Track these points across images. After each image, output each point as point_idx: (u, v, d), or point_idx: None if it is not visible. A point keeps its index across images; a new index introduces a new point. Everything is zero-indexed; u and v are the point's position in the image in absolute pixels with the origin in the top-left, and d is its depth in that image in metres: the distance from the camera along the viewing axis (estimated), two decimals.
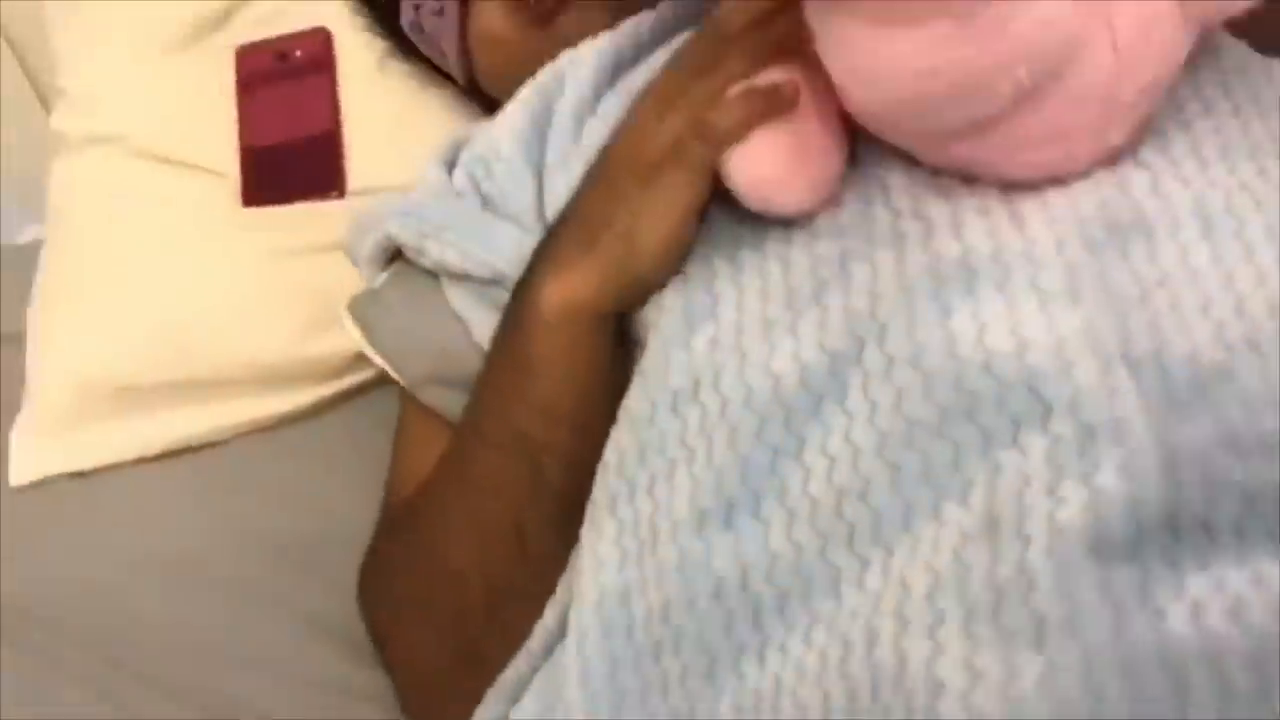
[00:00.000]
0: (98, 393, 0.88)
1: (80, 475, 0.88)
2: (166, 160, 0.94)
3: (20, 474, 0.88)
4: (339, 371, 0.90)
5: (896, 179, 0.58)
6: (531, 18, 0.79)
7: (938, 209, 0.56)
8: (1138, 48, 0.52)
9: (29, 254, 1.01)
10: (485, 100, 0.93)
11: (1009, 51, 0.49)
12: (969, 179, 0.56)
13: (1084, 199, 0.54)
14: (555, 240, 0.65)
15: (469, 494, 0.66)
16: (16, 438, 0.89)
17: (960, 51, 0.49)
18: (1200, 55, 0.58)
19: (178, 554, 0.84)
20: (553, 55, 0.75)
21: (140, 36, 0.99)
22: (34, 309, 0.94)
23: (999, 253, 0.53)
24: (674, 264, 0.62)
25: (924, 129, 0.54)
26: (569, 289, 0.62)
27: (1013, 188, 0.55)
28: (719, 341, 0.57)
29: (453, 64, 0.88)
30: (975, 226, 0.54)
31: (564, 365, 0.63)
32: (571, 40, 0.76)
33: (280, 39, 0.99)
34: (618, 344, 0.64)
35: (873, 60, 0.50)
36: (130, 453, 0.88)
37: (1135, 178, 0.55)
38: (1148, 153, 0.56)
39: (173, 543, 0.85)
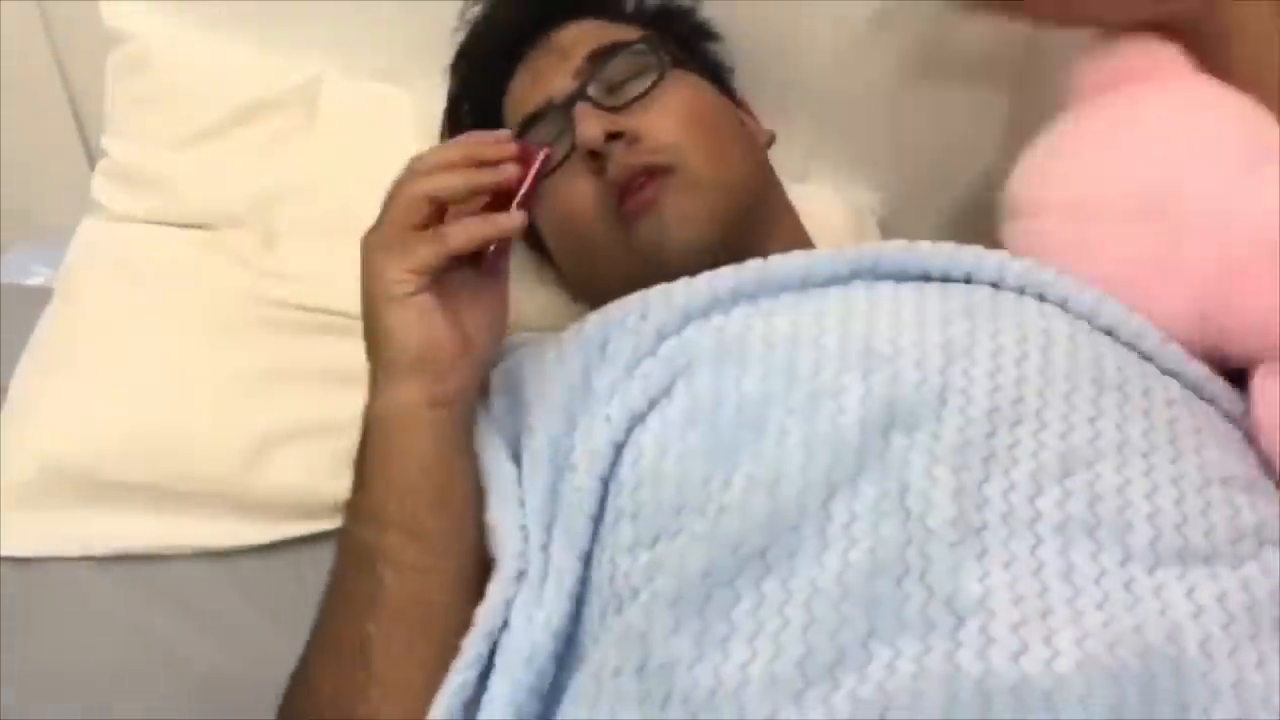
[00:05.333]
0: (59, 479, 0.86)
1: (20, 560, 0.86)
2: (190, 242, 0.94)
3: None
4: (290, 513, 0.88)
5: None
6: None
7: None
8: None
9: (35, 298, 1.00)
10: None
11: None
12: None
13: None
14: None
15: (328, 611, 0.70)
16: None
17: None
18: None
19: (94, 667, 0.82)
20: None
21: (190, 114, 0.99)
22: (20, 373, 0.92)
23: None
24: (422, 328, 0.69)
25: None
26: (373, 400, 0.70)
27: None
28: None
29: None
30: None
31: (385, 471, 0.69)
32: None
33: None
34: (456, 454, 0.70)
35: None
36: (76, 549, 0.86)
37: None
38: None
39: (92, 655, 0.83)
